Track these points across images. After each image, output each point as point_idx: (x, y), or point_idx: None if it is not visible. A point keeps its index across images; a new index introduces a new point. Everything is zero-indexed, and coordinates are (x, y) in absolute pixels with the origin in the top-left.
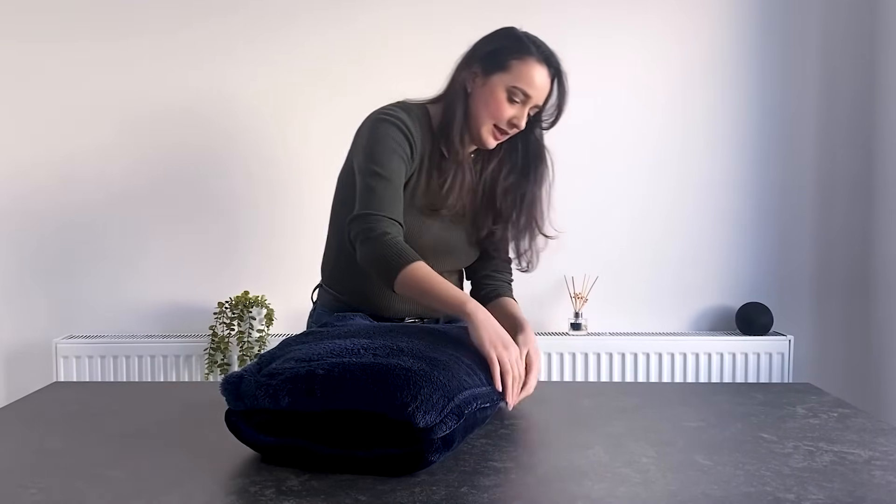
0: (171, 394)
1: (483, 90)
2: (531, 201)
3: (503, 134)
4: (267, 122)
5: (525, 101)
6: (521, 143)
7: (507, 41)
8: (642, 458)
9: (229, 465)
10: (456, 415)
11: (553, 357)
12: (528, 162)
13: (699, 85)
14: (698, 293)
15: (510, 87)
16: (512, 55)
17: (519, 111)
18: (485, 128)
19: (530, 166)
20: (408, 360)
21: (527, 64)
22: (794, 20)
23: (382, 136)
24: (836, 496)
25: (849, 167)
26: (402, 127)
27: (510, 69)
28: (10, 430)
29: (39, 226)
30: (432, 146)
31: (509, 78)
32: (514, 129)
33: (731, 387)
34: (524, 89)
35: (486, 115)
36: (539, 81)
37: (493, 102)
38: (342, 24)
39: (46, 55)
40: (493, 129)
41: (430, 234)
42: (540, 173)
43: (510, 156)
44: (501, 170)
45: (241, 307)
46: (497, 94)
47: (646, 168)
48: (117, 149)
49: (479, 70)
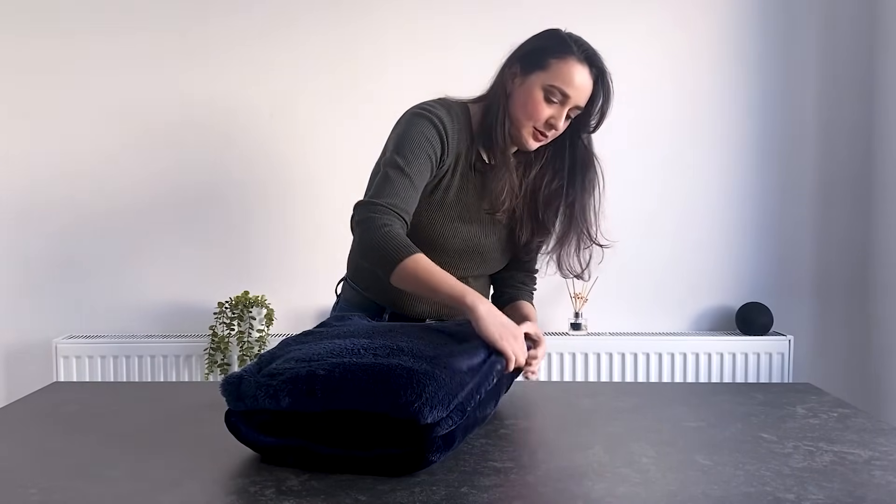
0: (171, 394)
1: (521, 90)
2: (580, 210)
3: (543, 136)
4: (267, 123)
5: (563, 100)
6: (568, 150)
7: (549, 41)
8: (642, 458)
9: (229, 465)
10: (460, 410)
11: (553, 357)
12: (574, 169)
13: (699, 86)
14: (698, 293)
15: (547, 85)
16: (552, 54)
17: (557, 111)
18: (524, 129)
19: (577, 174)
20: (408, 360)
21: (566, 63)
22: (795, 20)
23: (415, 132)
24: (836, 496)
25: (849, 167)
26: (437, 124)
27: (548, 68)
28: (10, 430)
29: (40, 226)
30: (469, 147)
31: (547, 77)
32: (553, 131)
33: (731, 387)
34: (562, 88)
35: (524, 115)
36: (578, 81)
37: (530, 102)
38: (345, 24)
39: (49, 54)
40: (533, 131)
41: (461, 236)
42: (588, 181)
43: (554, 162)
44: (545, 177)
45: (241, 307)
46: (534, 93)
47: (645, 168)
48: (118, 149)
49: (518, 70)
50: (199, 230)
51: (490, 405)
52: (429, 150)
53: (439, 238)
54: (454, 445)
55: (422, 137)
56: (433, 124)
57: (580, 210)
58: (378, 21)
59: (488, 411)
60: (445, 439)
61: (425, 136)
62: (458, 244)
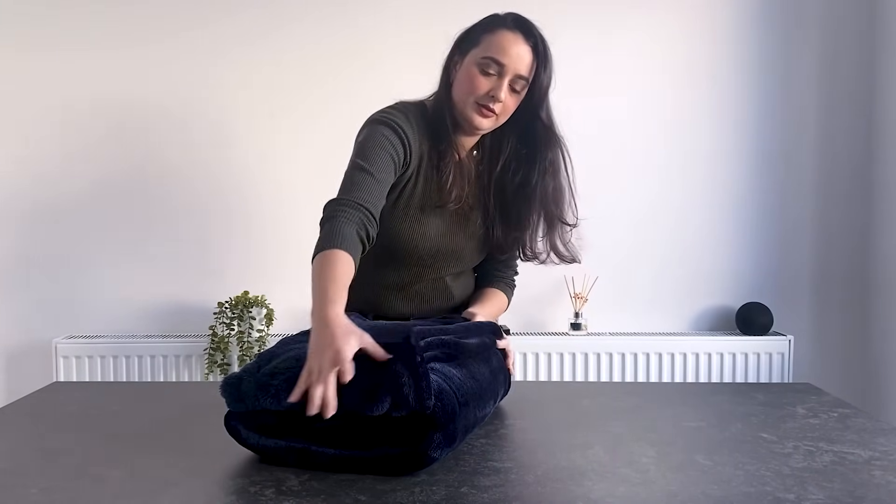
0: (171, 394)
1: (460, 71)
2: (545, 193)
3: (489, 110)
4: (267, 122)
5: (500, 70)
6: (528, 135)
7: (482, 21)
8: (642, 458)
9: (229, 465)
10: (463, 404)
11: (553, 357)
12: (535, 153)
13: (699, 86)
14: (698, 293)
15: (480, 59)
16: (483, 30)
17: (496, 83)
18: (468, 107)
19: (537, 156)
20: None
21: (496, 34)
22: (795, 20)
23: (376, 136)
24: (836, 496)
25: (849, 167)
26: (396, 128)
27: (481, 42)
28: (10, 430)
29: (40, 226)
30: (430, 145)
31: (480, 51)
32: (497, 104)
33: (731, 387)
34: (495, 57)
35: (464, 93)
36: (512, 49)
37: (467, 78)
38: (341, 23)
39: (42, 54)
40: (476, 106)
41: (430, 239)
42: (550, 161)
43: (517, 153)
44: (509, 169)
45: (241, 307)
46: (470, 69)
47: (645, 168)
48: (117, 149)
49: (457, 56)
50: (199, 230)
51: (490, 404)
52: (391, 150)
53: (409, 244)
54: (455, 444)
55: (383, 140)
56: (392, 129)
57: (545, 194)
58: (376, 20)
59: (488, 409)
60: (446, 436)
61: (387, 139)
62: (428, 246)
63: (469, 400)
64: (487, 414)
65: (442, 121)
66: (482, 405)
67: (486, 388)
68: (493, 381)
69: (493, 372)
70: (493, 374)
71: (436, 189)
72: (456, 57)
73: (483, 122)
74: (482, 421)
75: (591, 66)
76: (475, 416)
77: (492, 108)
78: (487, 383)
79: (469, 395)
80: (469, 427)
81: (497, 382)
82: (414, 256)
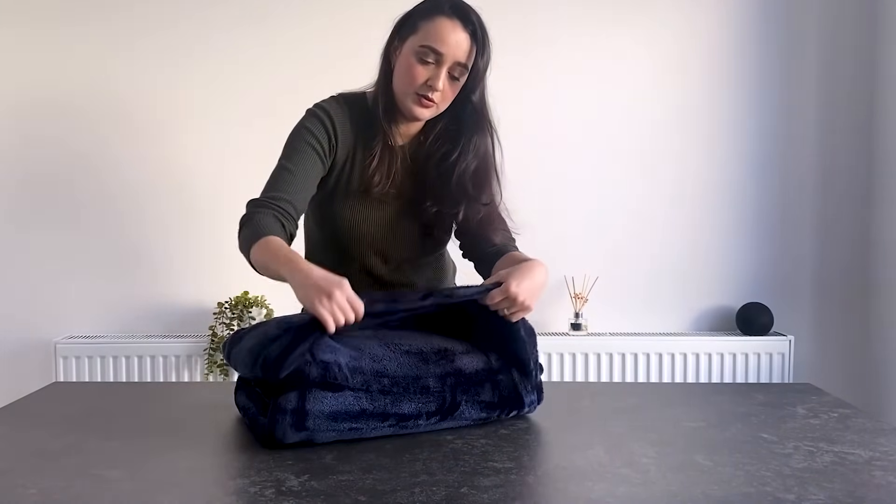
0: (172, 394)
1: (400, 60)
2: (461, 174)
3: (428, 100)
4: (267, 122)
5: (438, 59)
6: (458, 115)
7: (420, 6)
8: (642, 458)
9: (229, 465)
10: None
11: (553, 357)
12: (460, 133)
13: (699, 85)
14: (698, 293)
15: (417, 47)
16: (421, 17)
17: (434, 72)
18: (407, 98)
19: (461, 136)
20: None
21: (434, 21)
22: (794, 19)
23: (299, 130)
24: (836, 496)
25: (849, 167)
26: (321, 116)
27: (419, 30)
28: (10, 430)
29: (39, 225)
30: (367, 133)
31: (417, 39)
32: (436, 93)
33: (732, 387)
34: (433, 46)
35: (402, 83)
36: (450, 37)
37: (405, 68)
38: (346, 24)
39: (46, 51)
40: (415, 97)
41: (372, 222)
42: (475, 144)
43: (446, 131)
44: (434, 145)
45: (241, 307)
46: (408, 58)
47: (646, 168)
48: (117, 149)
49: (396, 42)
50: (199, 230)
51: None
52: (314, 143)
53: (351, 229)
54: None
55: (303, 132)
56: (317, 118)
57: (465, 173)
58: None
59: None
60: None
61: (308, 129)
62: (371, 230)
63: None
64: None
65: (377, 107)
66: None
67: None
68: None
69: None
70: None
71: (365, 174)
72: (395, 43)
73: (423, 111)
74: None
75: (590, 65)
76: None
77: (430, 97)
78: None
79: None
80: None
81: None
82: (362, 243)
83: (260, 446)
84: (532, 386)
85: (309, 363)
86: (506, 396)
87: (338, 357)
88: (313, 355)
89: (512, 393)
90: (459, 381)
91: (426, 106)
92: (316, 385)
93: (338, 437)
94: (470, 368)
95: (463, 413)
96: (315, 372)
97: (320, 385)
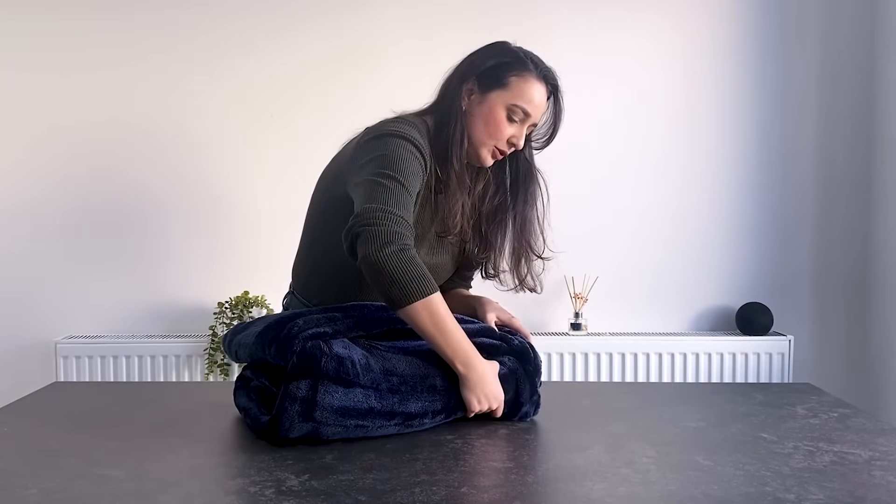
0: (172, 394)
1: (481, 108)
2: (522, 223)
3: (502, 154)
4: (267, 122)
5: (524, 119)
6: (511, 163)
7: (505, 57)
8: (642, 458)
9: (229, 465)
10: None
11: (553, 357)
12: (517, 182)
13: (699, 86)
14: (698, 293)
15: (510, 105)
16: (511, 72)
17: (518, 130)
18: (484, 148)
19: (520, 187)
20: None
21: (526, 81)
22: (795, 20)
23: (400, 151)
24: (836, 496)
25: (849, 167)
26: (417, 144)
27: (509, 86)
28: (10, 430)
29: (39, 226)
30: (435, 167)
31: (509, 96)
32: (513, 149)
33: (731, 387)
34: (524, 107)
35: (486, 134)
36: (538, 99)
37: (492, 121)
38: (347, 25)
39: (39, 74)
40: (494, 149)
41: (422, 253)
42: (531, 194)
43: (496, 177)
44: (488, 191)
45: (241, 307)
46: (496, 112)
47: (646, 168)
48: (116, 148)
49: (475, 87)
50: (199, 230)
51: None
52: (419, 169)
53: None
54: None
55: (410, 156)
56: (414, 145)
57: (523, 223)
58: (375, 23)
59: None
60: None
61: (413, 155)
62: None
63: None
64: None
65: (450, 149)
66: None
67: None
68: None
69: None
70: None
71: (429, 212)
72: (472, 86)
73: (491, 161)
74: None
75: (591, 66)
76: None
77: (507, 152)
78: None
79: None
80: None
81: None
82: None
83: (260, 447)
84: (535, 385)
85: (325, 355)
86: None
87: (352, 353)
88: (329, 348)
89: (515, 391)
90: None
91: (497, 158)
92: (329, 378)
93: (343, 433)
94: None
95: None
96: (330, 365)
97: (333, 379)
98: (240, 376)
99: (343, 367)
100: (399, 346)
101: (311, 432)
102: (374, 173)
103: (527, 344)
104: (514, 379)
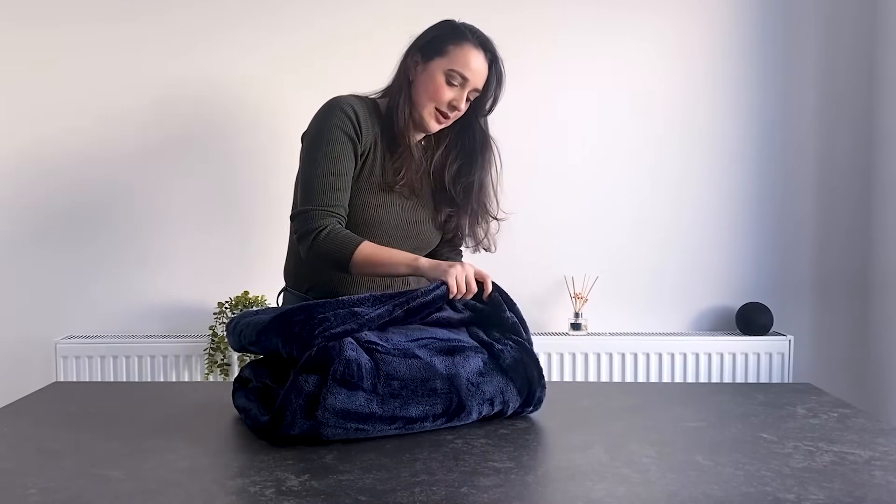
0: (172, 394)
1: (423, 76)
2: (479, 187)
3: (444, 117)
4: (267, 122)
5: (463, 83)
6: (468, 132)
7: (445, 30)
8: (642, 458)
9: (229, 465)
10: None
11: (553, 357)
12: (473, 149)
13: (699, 86)
14: (698, 293)
15: (448, 70)
16: (449, 41)
17: (458, 94)
18: (426, 111)
19: (476, 153)
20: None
21: (463, 48)
22: (794, 20)
23: (326, 121)
24: (836, 496)
25: (849, 167)
26: (347, 110)
27: (447, 54)
28: (10, 430)
29: (39, 225)
30: (382, 130)
31: (447, 62)
32: (455, 112)
33: (732, 387)
34: (461, 72)
35: (427, 98)
36: (475, 65)
37: (432, 86)
38: (348, 24)
39: (40, 42)
40: (435, 112)
41: (393, 211)
42: (486, 159)
43: (456, 143)
44: (448, 157)
45: (241, 307)
46: (436, 77)
47: (646, 168)
48: (116, 148)
49: (419, 58)
50: (199, 230)
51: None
52: (347, 129)
53: (375, 216)
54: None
55: (333, 125)
56: (342, 110)
57: (479, 186)
58: (379, 13)
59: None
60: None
61: (340, 121)
62: (392, 219)
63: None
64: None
65: (396, 113)
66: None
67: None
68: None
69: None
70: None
71: (390, 172)
72: (416, 58)
73: (436, 126)
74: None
75: (590, 66)
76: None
77: (449, 115)
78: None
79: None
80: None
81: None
82: (381, 231)
83: (260, 446)
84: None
85: (337, 357)
86: (510, 396)
87: (360, 357)
88: (341, 349)
89: (516, 392)
90: (465, 381)
91: (441, 122)
92: (335, 379)
93: (343, 435)
94: (475, 367)
95: (470, 413)
96: (339, 367)
97: (339, 381)
98: (238, 377)
99: (349, 370)
100: (402, 347)
101: (312, 431)
102: (306, 160)
103: (515, 319)
104: (521, 368)
